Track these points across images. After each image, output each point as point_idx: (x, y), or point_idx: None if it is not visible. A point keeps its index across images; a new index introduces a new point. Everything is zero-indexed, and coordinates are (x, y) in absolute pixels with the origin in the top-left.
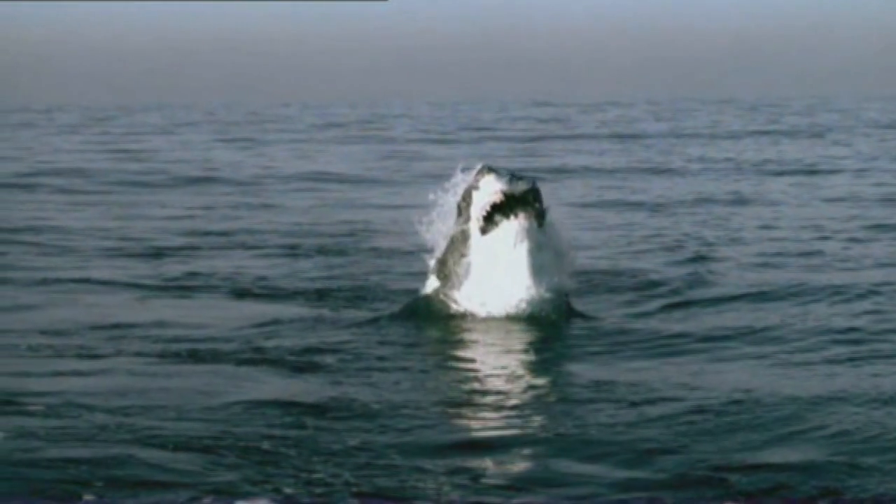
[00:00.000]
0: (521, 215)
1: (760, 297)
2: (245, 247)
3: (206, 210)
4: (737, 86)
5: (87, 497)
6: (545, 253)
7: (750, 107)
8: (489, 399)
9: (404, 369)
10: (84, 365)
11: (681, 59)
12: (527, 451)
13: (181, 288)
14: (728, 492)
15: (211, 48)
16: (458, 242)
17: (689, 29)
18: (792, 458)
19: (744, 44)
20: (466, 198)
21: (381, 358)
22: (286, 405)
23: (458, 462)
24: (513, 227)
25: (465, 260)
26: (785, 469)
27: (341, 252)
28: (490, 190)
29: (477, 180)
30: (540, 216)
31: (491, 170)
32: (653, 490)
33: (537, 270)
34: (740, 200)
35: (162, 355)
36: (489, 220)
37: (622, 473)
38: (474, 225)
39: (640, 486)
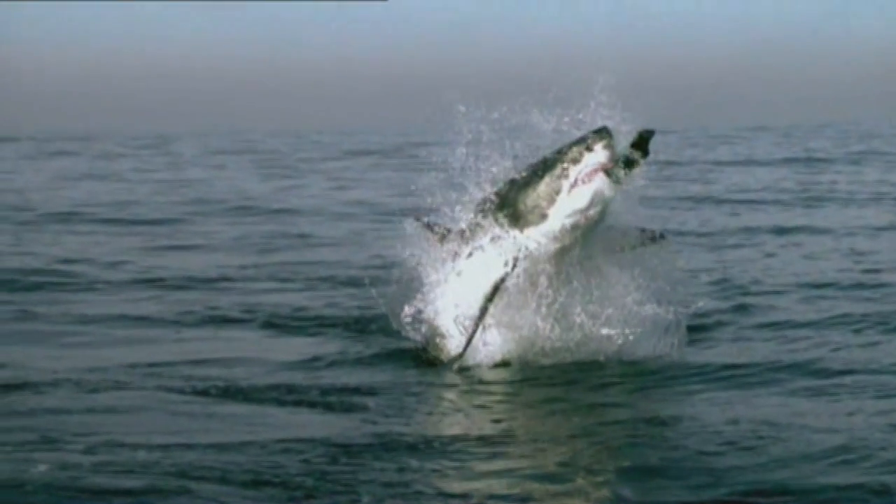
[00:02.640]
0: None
1: (808, 326)
2: (279, 279)
3: (239, 241)
4: (764, 114)
5: None
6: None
7: (783, 133)
8: (529, 434)
9: (443, 404)
10: (122, 402)
11: (700, 85)
12: (581, 483)
13: (218, 321)
14: None
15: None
16: (539, 196)
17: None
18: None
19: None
20: (566, 153)
21: (418, 394)
22: (325, 442)
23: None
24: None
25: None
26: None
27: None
28: (600, 158)
29: (593, 143)
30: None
31: (610, 136)
32: None
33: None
34: (782, 230)
35: (199, 392)
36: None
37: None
38: (566, 184)
39: None
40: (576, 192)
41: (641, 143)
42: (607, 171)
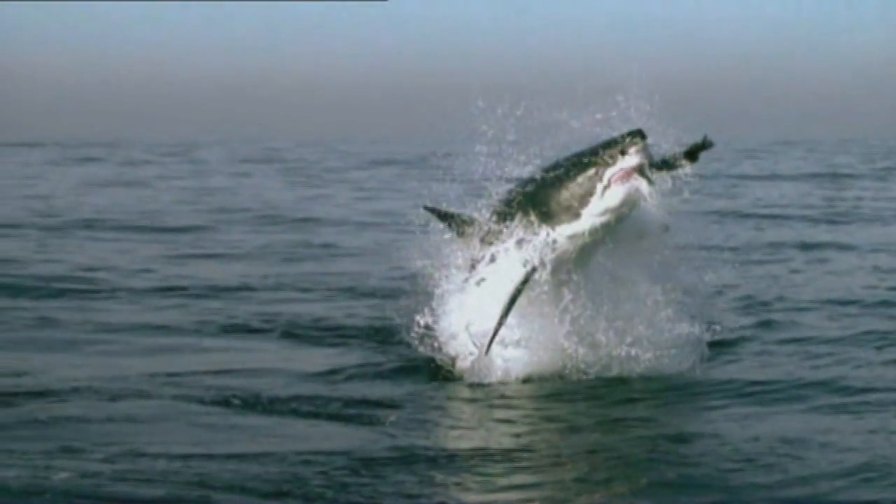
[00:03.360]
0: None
1: (831, 343)
2: (301, 289)
3: (262, 250)
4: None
5: None
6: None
7: (808, 148)
8: (550, 449)
9: (464, 417)
10: (143, 411)
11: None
12: (599, 498)
13: (239, 331)
14: None
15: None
16: (572, 196)
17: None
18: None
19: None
20: (601, 155)
21: (438, 407)
22: (346, 455)
23: None
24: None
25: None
26: None
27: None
28: (634, 162)
29: (627, 146)
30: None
31: (644, 139)
32: None
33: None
34: (807, 245)
35: (220, 402)
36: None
37: None
38: (600, 186)
39: None
40: (609, 193)
41: (695, 150)
42: (641, 172)
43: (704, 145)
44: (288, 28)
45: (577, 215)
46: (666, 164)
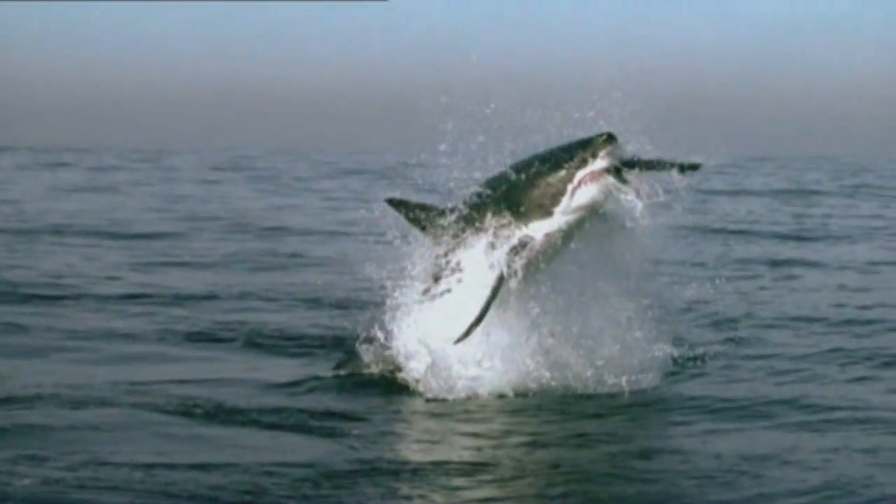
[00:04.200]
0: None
1: (798, 359)
2: (267, 298)
3: (230, 258)
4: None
5: None
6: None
7: (779, 165)
8: (512, 463)
9: (428, 431)
10: (106, 419)
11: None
12: None
13: (204, 340)
14: None
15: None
16: (543, 195)
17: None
18: None
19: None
20: (572, 156)
21: (402, 420)
22: (309, 466)
23: None
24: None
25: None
26: None
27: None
28: (603, 164)
29: (598, 148)
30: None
31: (615, 142)
32: None
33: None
34: (775, 262)
35: (183, 412)
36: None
37: None
38: (570, 187)
39: None
40: (579, 192)
41: (686, 167)
42: (612, 172)
43: (694, 166)
44: (263, 35)
45: (549, 213)
46: (650, 166)
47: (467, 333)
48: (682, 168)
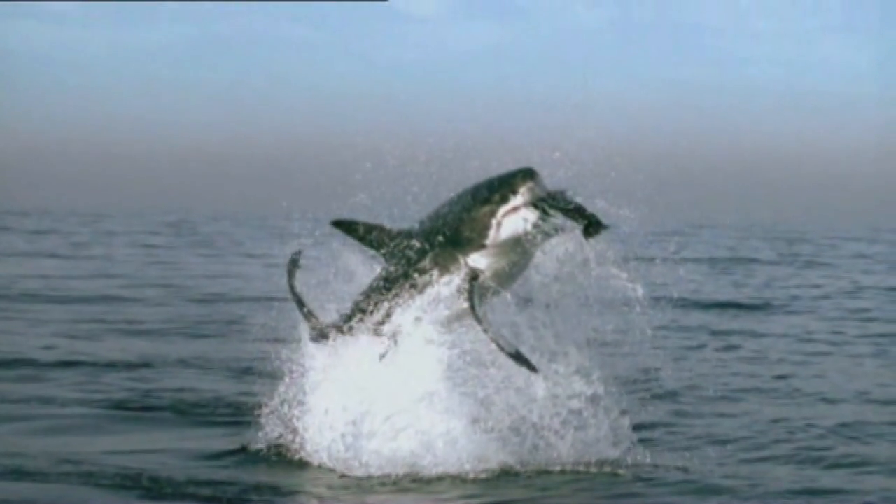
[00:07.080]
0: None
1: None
2: (201, 367)
3: (167, 324)
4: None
5: None
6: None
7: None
8: None
9: None
10: (41, 496)
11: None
12: None
13: (137, 409)
14: None
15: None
16: (473, 230)
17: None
18: None
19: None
20: (494, 192)
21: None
22: None
23: None
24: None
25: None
26: None
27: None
28: (523, 200)
29: (517, 185)
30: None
31: (534, 180)
32: None
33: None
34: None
35: (119, 486)
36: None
37: None
38: (494, 222)
39: None
40: (503, 227)
41: (592, 225)
42: (533, 206)
43: (601, 225)
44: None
45: (482, 246)
46: (566, 210)
47: (524, 364)
48: (588, 228)
